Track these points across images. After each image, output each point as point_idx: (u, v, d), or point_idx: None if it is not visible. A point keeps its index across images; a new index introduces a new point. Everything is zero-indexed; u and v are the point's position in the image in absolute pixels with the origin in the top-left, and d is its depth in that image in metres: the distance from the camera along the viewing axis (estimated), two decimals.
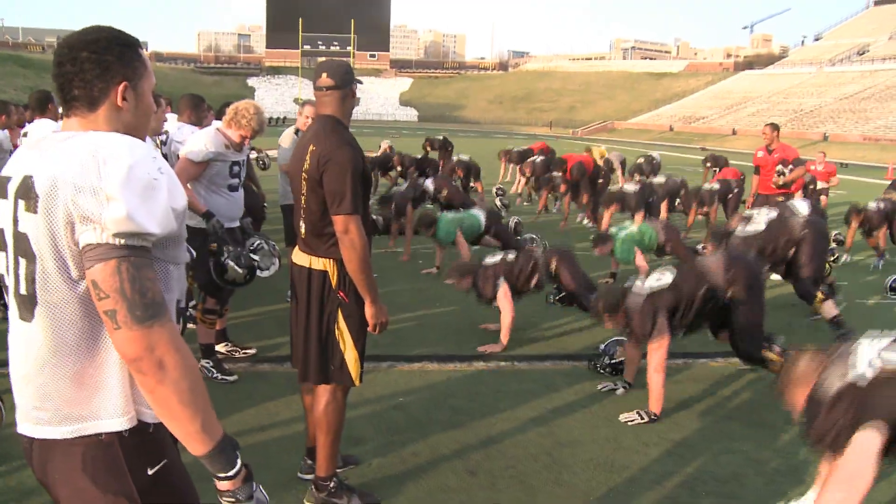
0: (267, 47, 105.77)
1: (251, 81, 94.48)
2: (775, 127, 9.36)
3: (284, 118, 65.94)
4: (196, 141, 4.76)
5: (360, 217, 3.12)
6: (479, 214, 8.90)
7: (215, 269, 4.72)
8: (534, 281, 6.21)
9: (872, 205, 9.92)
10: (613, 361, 5.35)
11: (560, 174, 12.66)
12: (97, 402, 1.60)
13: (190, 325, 5.31)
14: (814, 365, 2.76)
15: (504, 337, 5.92)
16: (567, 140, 56.41)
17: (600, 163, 17.70)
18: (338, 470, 3.64)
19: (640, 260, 7.99)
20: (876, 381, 2.50)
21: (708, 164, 17.72)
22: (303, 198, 3.23)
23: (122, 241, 1.49)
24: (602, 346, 5.49)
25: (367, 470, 3.86)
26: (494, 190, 14.68)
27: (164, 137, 6.21)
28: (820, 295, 6.19)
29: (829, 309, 6.20)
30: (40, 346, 1.59)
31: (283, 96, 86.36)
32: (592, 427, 4.48)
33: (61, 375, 1.59)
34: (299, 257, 3.35)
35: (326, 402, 3.34)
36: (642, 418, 4.56)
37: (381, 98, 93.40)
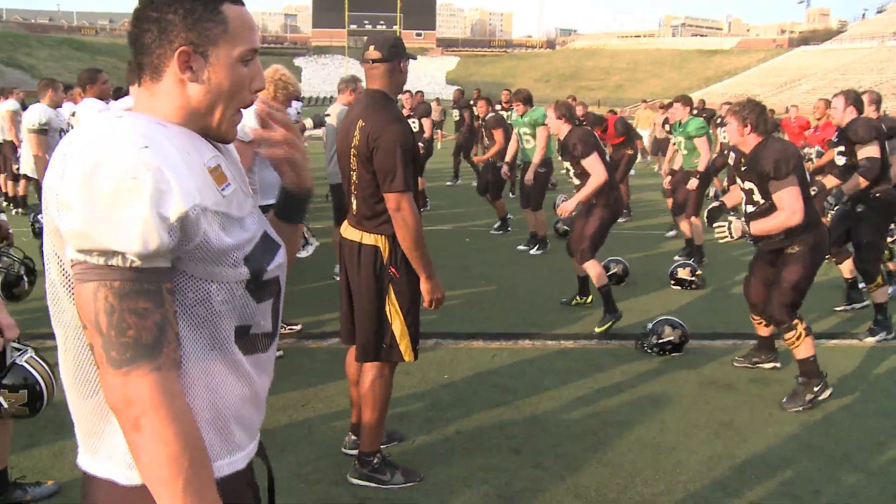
0: (313, 27, 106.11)
1: (298, 61, 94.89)
2: (828, 103, 9.16)
3: (332, 97, 66.12)
4: (245, 120, 4.69)
5: (412, 194, 3.10)
6: None
7: None
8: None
9: None
10: (661, 341, 5.26)
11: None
12: (109, 441, 1.27)
13: None
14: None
15: (583, 195, 5.84)
16: None
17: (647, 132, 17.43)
18: (382, 446, 3.65)
19: (703, 143, 8.07)
20: None
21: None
22: (353, 174, 3.21)
23: (101, 260, 1.14)
24: (650, 326, 5.39)
25: (411, 446, 3.86)
26: None
27: None
28: (879, 279, 5.94)
29: (882, 294, 5.93)
30: (63, 366, 1.31)
31: (330, 76, 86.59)
32: (639, 408, 4.41)
33: (83, 403, 1.29)
34: (350, 232, 3.33)
35: (373, 378, 3.34)
36: (734, 232, 4.56)
37: (427, 77, 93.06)
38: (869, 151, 5.64)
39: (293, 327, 5.57)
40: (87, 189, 1.12)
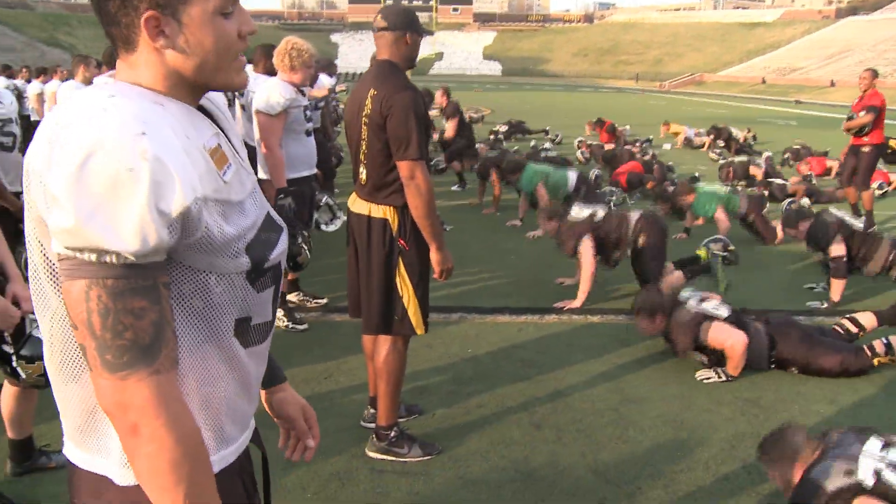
0: (350, 3, 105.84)
1: (334, 37, 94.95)
2: (875, 73, 8.90)
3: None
4: (268, 93, 4.64)
5: (425, 162, 3.06)
6: (570, 174, 8.63)
7: (289, 252, 4.62)
8: (618, 253, 5.96)
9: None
10: None
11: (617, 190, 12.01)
12: (101, 436, 1.22)
13: None
14: (811, 446, 2.77)
15: (582, 294, 5.75)
16: (654, 94, 54.90)
17: (676, 136, 17.03)
18: (400, 419, 3.66)
19: (721, 213, 7.70)
20: (876, 487, 2.51)
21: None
22: (364, 143, 3.18)
23: (93, 257, 1.04)
24: None
25: (431, 420, 3.85)
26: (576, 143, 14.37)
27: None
28: None
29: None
30: (48, 355, 1.24)
31: (367, 52, 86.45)
32: (663, 384, 4.35)
33: (70, 394, 1.22)
34: (358, 205, 3.31)
35: (388, 352, 3.33)
36: (719, 377, 4.40)
37: (464, 52, 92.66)
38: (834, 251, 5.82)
39: (319, 301, 5.59)
40: (79, 183, 1.01)
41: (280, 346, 4.78)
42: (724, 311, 4.57)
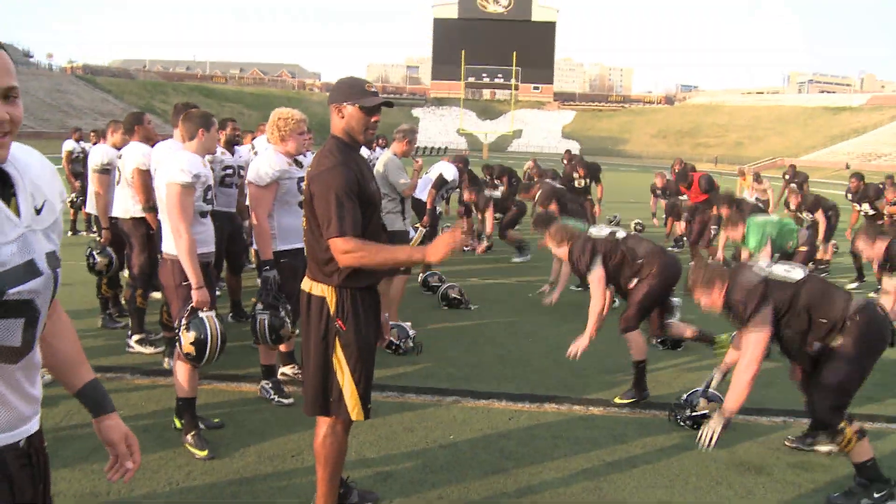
0: (432, 79, 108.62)
1: (416, 112, 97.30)
2: None
3: (446, 148, 67.81)
4: (259, 165, 4.71)
5: (352, 234, 2.94)
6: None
7: (270, 325, 4.58)
8: (632, 283, 5.48)
9: None
10: (695, 414, 4.85)
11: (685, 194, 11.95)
12: None
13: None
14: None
15: (591, 329, 5.33)
16: (732, 177, 53.94)
17: (748, 193, 16.45)
18: None
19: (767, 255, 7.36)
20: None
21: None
22: (305, 220, 3.14)
23: None
24: (685, 397, 4.98)
25: None
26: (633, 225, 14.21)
27: (251, 158, 6.35)
28: None
29: None
30: None
31: (447, 126, 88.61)
32: (647, 487, 4.03)
33: None
34: (304, 282, 3.23)
35: (325, 435, 3.19)
36: (715, 429, 3.91)
37: (543, 130, 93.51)
38: None
39: None
40: None
41: (259, 420, 4.69)
42: (798, 273, 4.12)
